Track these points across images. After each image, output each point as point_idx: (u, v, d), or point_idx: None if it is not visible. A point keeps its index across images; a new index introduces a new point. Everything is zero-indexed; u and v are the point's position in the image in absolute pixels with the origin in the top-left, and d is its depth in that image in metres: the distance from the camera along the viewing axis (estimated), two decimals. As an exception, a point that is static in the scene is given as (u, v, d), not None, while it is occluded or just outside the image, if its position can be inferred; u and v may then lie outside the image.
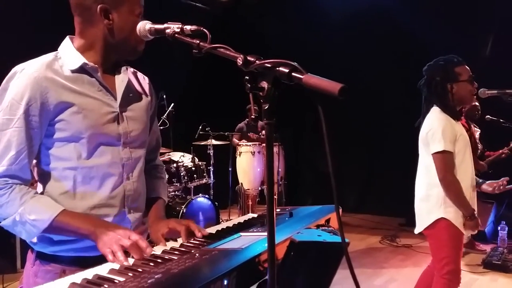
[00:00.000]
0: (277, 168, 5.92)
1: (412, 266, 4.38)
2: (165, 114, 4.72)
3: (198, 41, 1.03)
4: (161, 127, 4.62)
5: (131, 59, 1.37)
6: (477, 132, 4.98)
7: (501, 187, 2.59)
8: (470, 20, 5.77)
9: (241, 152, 5.75)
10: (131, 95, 1.38)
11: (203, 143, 5.20)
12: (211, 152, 5.16)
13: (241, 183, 5.72)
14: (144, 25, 1.23)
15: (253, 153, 5.66)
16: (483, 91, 2.47)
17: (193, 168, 4.61)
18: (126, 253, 1.10)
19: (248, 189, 5.63)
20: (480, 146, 4.97)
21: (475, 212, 2.39)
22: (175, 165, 4.45)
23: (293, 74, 0.78)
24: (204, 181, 4.77)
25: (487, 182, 2.70)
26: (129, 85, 1.38)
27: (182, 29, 1.12)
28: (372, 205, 6.97)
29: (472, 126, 4.88)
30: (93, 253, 1.26)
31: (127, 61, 1.41)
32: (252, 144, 5.66)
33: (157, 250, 1.16)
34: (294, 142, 7.64)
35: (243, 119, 6.14)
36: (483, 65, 5.53)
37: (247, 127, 6.04)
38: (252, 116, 0.84)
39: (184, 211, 4.10)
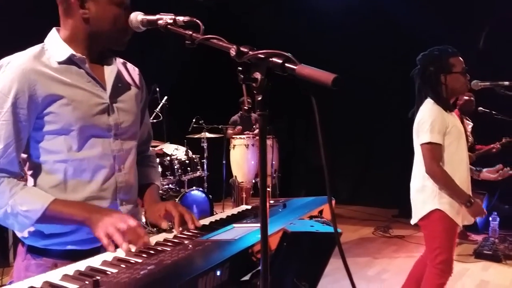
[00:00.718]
0: (270, 161, 5.93)
1: (404, 257, 4.42)
2: (159, 107, 4.69)
3: (190, 32, 1.02)
4: (155, 120, 4.60)
5: (118, 49, 1.35)
6: (469, 126, 5.03)
7: (506, 173, 2.60)
8: (464, 13, 5.79)
9: (235, 145, 5.75)
10: (120, 86, 1.37)
11: (196, 136, 5.19)
12: (204, 145, 5.15)
13: (235, 176, 5.72)
14: (136, 16, 1.22)
15: (247, 146, 5.66)
16: (476, 83, 2.48)
17: (187, 161, 4.61)
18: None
19: (242, 182, 5.63)
20: (470, 139, 5.02)
21: (471, 199, 2.35)
22: (168, 158, 4.44)
23: (286, 64, 0.78)
24: (198, 174, 4.77)
25: (487, 169, 2.71)
26: (118, 75, 1.37)
27: (174, 20, 1.11)
28: (365, 197, 7.03)
29: (464, 119, 4.92)
30: (85, 246, 1.27)
31: (117, 52, 1.39)
32: (246, 137, 5.66)
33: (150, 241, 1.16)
34: (288, 134, 7.66)
35: (237, 112, 6.13)
36: (477, 58, 5.58)
37: (241, 119, 6.03)
38: (245, 107, 0.83)
39: (178, 204, 4.10)
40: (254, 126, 6.11)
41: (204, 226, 1.30)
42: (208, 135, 5.21)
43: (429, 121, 2.35)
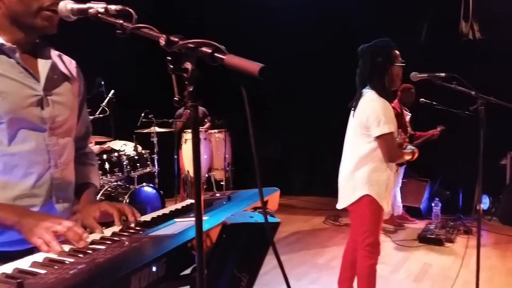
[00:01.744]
0: (224, 154, 5.92)
1: (354, 244, 4.57)
2: (105, 102, 4.52)
3: (121, 22, 0.98)
4: (101, 115, 4.44)
5: (48, 33, 1.27)
6: (408, 116, 5.28)
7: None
8: (405, 6, 6.02)
9: (187, 139, 5.68)
10: (56, 77, 1.31)
11: (146, 131, 5.06)
12: (154, 140, 5.03)
13: (188, 171, 5.66)
14: (65, 5, 1.15)
15: (199, 140, 5.60)
16: (414, 75, 2.58)
17: (136, 157, 4.48)
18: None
19: (195, 176, 5.57)
20: (409, 129, 5.28)
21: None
22: (116, 154, 4.30)
23: (215, 54, 0.77)
24: (148, 169, 4.66)
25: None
26: (53, 67, 1.31)
27: (106, 9, 1.07)
28: (316, 188, 7.19)
29: (404, 110, 5.16)
30: (17, 247, 1.20)
31: (58, 42, 1.32)
32: (198, 131, 5.60)
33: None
34: (242, 128, 7.65)
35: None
36: (418, 51, 5.83)
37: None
38: (175, 98, 0.82)
39: (127, 201, 3.99)
40: (205, 120, 6.06)
41: (145, 222, 1.27)
42: (158, 129, 5.09)
43: (381, 114, 2.44)
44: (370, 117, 2.47)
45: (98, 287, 0.78)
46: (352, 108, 2.62)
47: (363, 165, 2.53)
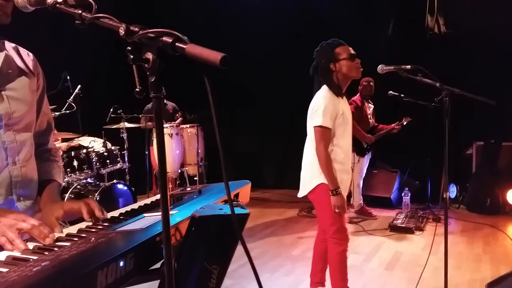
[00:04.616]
0: (196, 149, 5.88)
1: (327, 235, 4.64)
2: (72, 97, 4.40)
3: (80, 12, 0.95)
4: (68, 111, 4.33)
5: (1, 23, 1.20)
6: (370, 108, 5.42)
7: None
8: (372, 1, 6.12)
9: (158, 134, 5.59)
10: (10, 72, 1.25)
11: (115, 126, 4.96)
12: (124, 135, 4.94)
13: (160, 167, 5.58)
14: None
15: (170, 135, 5.55)
16: (381, 67, 2.63)
17: (106, 153, 4.40)
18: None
19: (168, 172, 5.52)
20: (371, 121, 5.40)
21: (339, 190, 2.58)
22: (85, 150, 4.20)
23: (176, 44, 0.76)
24: (118, 166, 4.57)
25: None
26: (8, 61, 1.25)
27: (65, -2, 1.04)
28: (290, 181, 7.23)
29: (365, 103, 5.30)
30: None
31: (17, 36, 1.27)
32: (170, 126, 5.54)
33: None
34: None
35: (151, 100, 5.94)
36: (385, 44, 5.93)
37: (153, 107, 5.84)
38: (136, 89, 0.80)
39: (98, 198, 3.91)
40: (177, 115, 5.99)
41: (113, 218, 1.24)
42: (127, 125, 5.00)
43: (322, 106, 2.57)
44: (313, 108, 2.64)
45: (62, 284, 0.76)
46: None
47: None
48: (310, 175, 2.71)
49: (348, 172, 2.74)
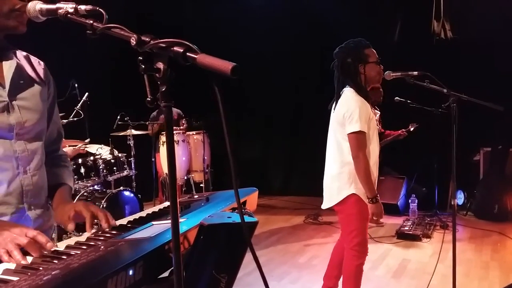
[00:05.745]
0: (202, 156, 5.88)
1: (333, 242, 4.52)
2: (79, 105, 4.43)
3: (91, 22, 0.96)
4: (75, 119, 4.35)
5: (15, 33, 1.23)
6: (377, 114, 5.38)
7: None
8: (378, 6, 6.13)
9: (164, 142, 5.58)
10: (22, 82, 1.26)
11: (122, 133, 4.97)
12: (131, 142, 4.96)
13: (166, 174, 5.59)
14: (34, 6, 1.12)
15: (177, 142, 5.55)
16: (388, 73, 2.62)
17: (113, 161, 4.41)
18: (27, 253, 1.02)
19: (174, 179, 5.51)
20: (378, 127, 5.36)
21: (377, 198, 2.50)
22: (92, 158, 4.22)
23: (187, 54, 0.76)
24: (125, 173, 4.58)
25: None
26: (19, 70, 1.26)
27: (76, 9, 1.04)
28: (296, 187, 7.24)
29: (372, 109, 5.25)
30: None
31: (28, 45, 1.28)
32: (176, 133, 5.54)
33: (60, 245, 1.09)
34: (220, 129, 7.61)
35: (157, 107, 5.94)
36: (391, 50, 5.93)
37: (158, 115, 5.85)
38: (147, 99, 0.80)
39: (104, 205, 3.92)
40: (182, 121, 6.01)
41: (121, 226, 1.25)
42: (134, 132, 5.01)
43: (356, 111, 2.44)
44: (345, 114, 2.49)
45: (73, 293, 0.76)
46: (332, 109, 2.65)
47: (346, 164, 2.53)
48: (339, 186, 2.57)
49: (375, 182, 2.60)
